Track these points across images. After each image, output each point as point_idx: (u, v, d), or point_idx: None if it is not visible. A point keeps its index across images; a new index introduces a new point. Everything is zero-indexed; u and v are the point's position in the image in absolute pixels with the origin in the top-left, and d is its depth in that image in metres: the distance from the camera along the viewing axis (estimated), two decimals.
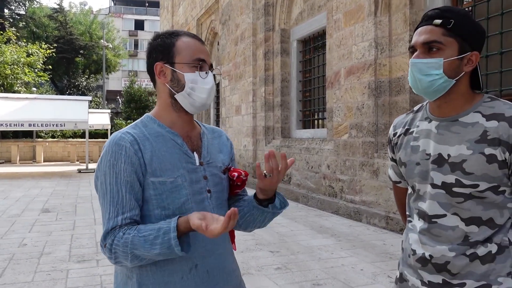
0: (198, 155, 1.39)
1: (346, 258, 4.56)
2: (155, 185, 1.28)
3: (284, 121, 9.55)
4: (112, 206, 1.25)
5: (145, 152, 1.29)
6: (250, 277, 4.01)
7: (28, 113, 14.17)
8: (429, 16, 1.25)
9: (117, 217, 1.24)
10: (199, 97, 1.35)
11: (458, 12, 1.24)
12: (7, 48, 21.46)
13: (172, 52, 1.34)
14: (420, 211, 1.33)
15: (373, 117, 6.21)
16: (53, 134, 24.29)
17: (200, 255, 1.32)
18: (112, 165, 1.26)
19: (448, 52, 1.22)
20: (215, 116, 15.02)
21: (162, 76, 1.36)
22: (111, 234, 1.24)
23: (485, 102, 1.26)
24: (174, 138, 1.35)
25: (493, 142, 1.19)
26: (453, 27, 1.21)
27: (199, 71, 1.34)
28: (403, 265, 1.42)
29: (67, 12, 34.87)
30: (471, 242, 1.24)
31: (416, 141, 1.34)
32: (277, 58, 9.64)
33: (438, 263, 1.26)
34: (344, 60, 6.86)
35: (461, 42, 1.22)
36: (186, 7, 16.84)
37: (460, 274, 1.25)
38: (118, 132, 1.32)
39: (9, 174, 15.27)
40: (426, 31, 1.24)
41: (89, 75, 35.11)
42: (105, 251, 1.25)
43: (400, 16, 5.86)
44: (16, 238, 5.61)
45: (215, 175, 1.40)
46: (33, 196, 9.52)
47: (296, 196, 8.30)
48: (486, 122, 1.21)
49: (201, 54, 1.35)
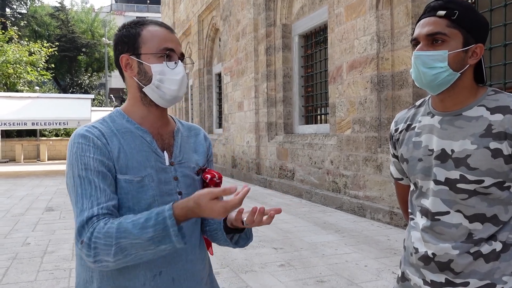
0: (169, 154, 1.30)
1: (350, 254, 4.53)
2: (121, 183, 1.19)
3: (286, 116, 9.51)
4: (85, 198, 1.13)
5: (113, 147, 1.20)
6: (253, 274, 3.99)
7: (31, 112, 14.22)
8: (432, 7, 1.22)
9: (92, 208, 1.12)
10: (169, 89, 1.25)
11: (461, 4, 1.21)
12: (9, 47, 21.50)
13: (137, 43, 1.26)
14: (422, 208, 1.29)
15: (376, 111, 6.17)
16: (56, 133, 24.37)
17: (166, 261, 1.23)
18: (80, 156, 1.16)
19: (453, 44, 1.18)
20: (217, 112, 15.00)
21: (128, 69, 1.27)
22: (88, 226, 1.09)
23: (489, 95, 1.23)
24: (143, 135, 1.27)
25: (499, 136, 1.16)
26: (458, 19, 1.18)
27: (167, 61, 1.25)
28: (405, 263, 1.38)
29: (68, 11, 34.87)
30: (475, 240, 1.20)
31: (419, 137, 1.31)
32: (278, 53, 9.59)
33: (441, 261, 1.23)
34: (346, 55, 6.80)
35: (466, 34, 1.19)
36: (187, 4, 16.79)
37: (464, 273, 1.21)
38: (83, 127, 1.23)
39: (13, 173, 15.32)
40: (429, 23, 1.20)
41: (91, 73, 35.14)
42: (82, 248, 1.09)
43: (402, 9, 5.80)
44: (20, 237, 5.61)
45: (187, 176, 1.31)
46: (37, 195, 9.54)
47: (299, 192, 8.27)
48: (491, 115, 1.18)
49: (169, 43, 1.26)
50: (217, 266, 4.21)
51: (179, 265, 1.26)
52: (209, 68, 15.30)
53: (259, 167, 10.41)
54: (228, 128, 12.36)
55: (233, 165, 11.95)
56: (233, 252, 4.64)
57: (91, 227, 1.09)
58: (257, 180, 10.27)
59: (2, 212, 7.48)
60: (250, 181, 10.65)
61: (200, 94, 15.44)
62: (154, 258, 1.18)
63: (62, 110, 14.56)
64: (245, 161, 11.09)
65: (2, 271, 4.22)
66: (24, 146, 21.68)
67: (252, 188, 9.73)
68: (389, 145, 1.49)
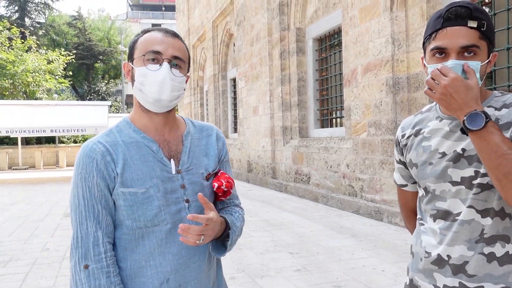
0: (177, 161, 1.29)
1: (367, 259, 4.48)
2: (125, 196, 1.21)
3: (301, 120, 9.49)
4: (89, 220, 1.18)
5: (117, 161, 1.23)
6: (269, 279, 3.97)
7: (50, 120, 14.49)
8: (460, 15, 1.17)
9: (96, 232, 1.18)
10: (149, 91, 1.23)
11: (485, 13, 1.20)
12: (29, 56, 21.94)
13: (133, 49, 1.28)
14: (439, 212, 1.28)
15: (391, 114, 6.10)
16: (75, 139, 24.73)
17: (173, 269, 1.26)
18: (84, 179, 1.20)
19: (482, 55, 1.19)
20: (232, 117, 15.04)
21: (128, 75, 1.30)
22: (94, 255, 1.17)
23: (496, 97, 1.26)
24: (149, 144, 1.27)
25: (505, 126, 1.18)
26: (486, 30, 1.18)
27: (151, 63, 1.23)
28: (413, 270, 1.37)
29: (85, 19, 35.50)
30: (486, 239, 1.20)
31: (428, 141, 1.31)
32: (293, 57, 9.58)
33: (456, 264, 1.22)
34: (361, 57, 6.76)
35: (489, 44, 1.20)
36: (201, 10, 16.91)
37: (478, 277, 1.20)
38: (90, 142, 1.25)
39: (33, 179, 15.59)
40: (462, 34, 1.17)
41: (108, 80, 35.65)
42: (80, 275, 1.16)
43: (417, 11, 5.74)
44: (39, 243, 5.70)
45: (195, 183, 1.30)
46: (55, 201, 9.68)
47: (315, 196, 8.23)
48: (497, 112, 1.21)
49: (156, 46, 1.23)
50: (233, 270, 4.20)
51: (186, 272, 1.27)
52: (224, 73, 15.36)
53: (274, 172, 10.39)
54: (243, 133, 12.38)
55: (249, 169, 11.95)
56: (249, 257, 4.63)
57: (97, 258, 1.17)
58: (272, 184, 10.25)
59: (22, 218, 7.61)
60: (266, 185, 10.63)
61: (215, 99, 15.51)
62: (162, 267, 1.22)
63: (80, 117, 14.80)
64: (260, 166, 11.08)
65: (22, 276, 4.28)
66: (43, 152, 22.06)
67: (268, 193, 9.73)
68: (395, 151, 1.49)
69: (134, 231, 1.24)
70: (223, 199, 1.39)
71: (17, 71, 21.19)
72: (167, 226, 1.25)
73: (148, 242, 1.24)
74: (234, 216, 1.36)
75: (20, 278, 4.22)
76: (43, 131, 14.62)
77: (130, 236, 1.24)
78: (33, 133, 14.72)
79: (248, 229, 6.00)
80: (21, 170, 20.67)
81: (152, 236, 1.24)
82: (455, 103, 1.12)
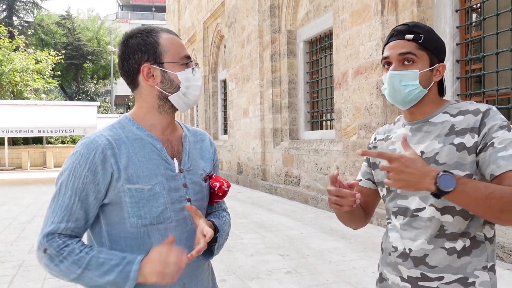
0: (178, 161, 1.32)
1: (357, 261, 4.50)
2: (132, 192, 1.21)
3: (292, 122, 9.50)
4: (59, 210, 1.20)
5: (121, 156, 1.22)
6: (260, 281, 3.96)
7: (37, 120, 14.33)
8: (400, 31, 1.36)
9: (60, 223, 1.19)
10: (193, 95, 1.31)
11: (424, 28, 1.36)
12: (16, 56, 21.69)
13: (158, 52, 1.26)
14: (400, 208, 1.38)
15: (382, 117, 6.14)
16: (63, 140, 24.49)
17: (187, 276, 1.30)
18: (74, 168, 1.20)
19: (421, 64, 1.33)
20: (223, 119, 15.02)
21: (150, 78, 1.27)
22: (49, 240, 1.18)
23: (452, 104, 1.38)
24: (153, 142, 1.28)
25: (461, 132, 1.28)
26: (424, 42, 1.33)
27: (186, 67, 1.29)
28: (382, 265, 1.46)
29: (74, 19, 35.20)
30: (447, 234, 1.29)
31: (393, 145, 1.44)
32: (284, 59, 9.60)
33: (417, 256, 1.31)
34: (352, 60, 6.80)
35: (431, 55, 1.34)
36: (192, 11, 16.88)
37: (438, 268, 1.29)
38: (93, 134, 1.24)
39: (20, 180, 15.39)
40: (399, 45, 1.34)
41: (97, 80, 35.39)
42: (42, 256, 1.18)
43: (407, 15, 5.79)
44: (26, 244, 5.62)
45: (196, 183, 1.34)
46: (43, 202, 9.56)
47: (305, 198, 8.24)
48: (453, 118, 1.32)
49: (185, 51, 1.30)
50: (223, 273, 4.19)
51: (189, 271, 1.30)
52: (214, 75, 15.34)
53: (264, 174, 10.39)
54: (234, 135, 12.36)
55: (239, 171, 11.93)
56: (239, 259, 4.62)
57: (52, 241, 1.17)
58: (262, 186, 10.25)
59: (9, 219, 7.51)
60: (255, 187, 10.62)
61: (206, 101, 15.47)
62: None
63: (68, 118, 14.67)
64: (250, 168, 11.07)
65: (9, 278, 4.22)
66: (30, 153, 21.80)
67: (257, 195, 9.72)
68: None
69: (139, 229, 1.24)
70: (218, 201, 1.41)
71: (4, 70, 20.94)
72: (172, 224, 1.27)
73: (153, 240, 1.25)
74: (222, 221, 1.39)
75: (6, 281, 4.15)
76: (31, 132, 14.45)
77: (135, 235, 1.24)
78: (20, 133, 14.55)
79: (238, 231, 5.98)
80: (8, 170, 20.40)
81: (157, 234, 1.25)
82: (413, 176, 1.14)
